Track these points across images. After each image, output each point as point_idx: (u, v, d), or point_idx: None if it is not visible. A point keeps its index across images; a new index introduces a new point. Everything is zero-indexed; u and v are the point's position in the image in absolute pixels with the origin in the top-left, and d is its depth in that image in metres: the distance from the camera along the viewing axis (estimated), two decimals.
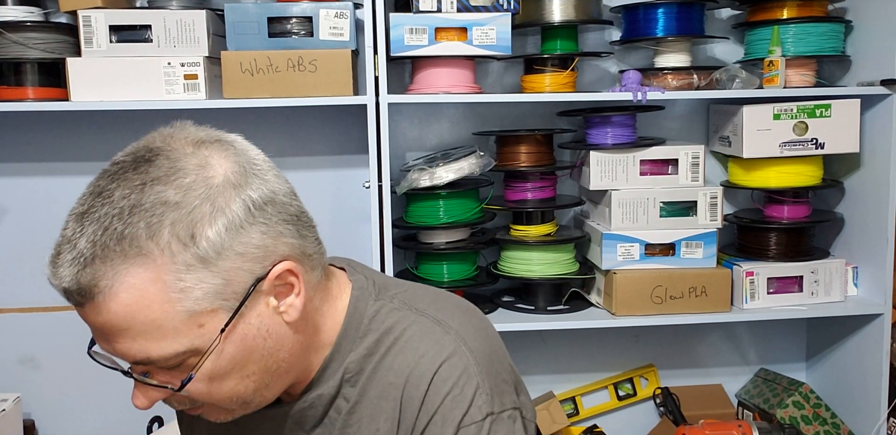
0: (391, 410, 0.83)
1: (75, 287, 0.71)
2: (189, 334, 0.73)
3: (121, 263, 0.70)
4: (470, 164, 1.76)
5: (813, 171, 1.87)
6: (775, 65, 1.77)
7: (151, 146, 0.76)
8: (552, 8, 1.77)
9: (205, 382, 0.76)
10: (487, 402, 0.81)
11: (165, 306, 0.71)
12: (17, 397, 1.79)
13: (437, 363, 0.82)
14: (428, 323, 0.86)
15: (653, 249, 1.82)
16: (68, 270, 0.71)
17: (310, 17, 1.66)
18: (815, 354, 2.11)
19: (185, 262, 0.71)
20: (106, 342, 0.75)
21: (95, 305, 0.71)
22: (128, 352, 0.73)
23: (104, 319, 0.72)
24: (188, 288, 0.71)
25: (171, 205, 0.71)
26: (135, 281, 0.70)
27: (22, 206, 1.90)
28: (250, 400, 0.80)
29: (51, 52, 1.65)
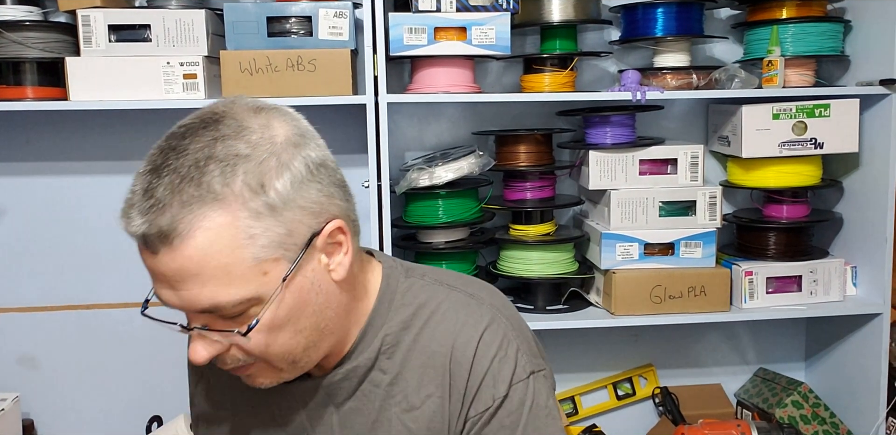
0: (439, 376, 0.89)
1: (155, 231, 0.74)
2: (254, 281, 0.77)
3: (199, 208, 0.74)
4: (469, 163, 1.76)
5: (812, 171, 1.87)
6: (774, 64, 1.77)
7: (216, 110, 0.81)
8: (551, 8, 1.77)
9: (265, 331, 0.79)
10: (529, 362, 0.90)
11: (236, 252, 0.75)
12: (15, 397, 1.80)
13: (479, 330, 0.89)
14: (461, 296, 0.93)
15: (652, 249, 1.83)
16: (148, 216, 0.74)
17: (309, 16, 1.66)
18: (813, 354, 2.12)
19: (256, 209, 0.75)
20: (173, 291, 0.78)
21: (172, 249, 0.74)
22: (196, 299, 0.77)
23: (178, 265, 0.75)
24: (257, 235, 0.76)
25: (242, 157, 0.76)
26: (211, 225, 0.74)
27: (21, 206, 1.90)
28: (298, 358, 0.84)
29: (50, 51, 1.65)
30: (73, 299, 1.94)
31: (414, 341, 0.90)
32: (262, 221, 0.76)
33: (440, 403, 0.89)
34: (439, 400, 0.89)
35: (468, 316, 0.91)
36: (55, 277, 1.92)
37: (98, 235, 1.92)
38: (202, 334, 0.80)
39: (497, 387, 0.88)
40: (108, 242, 1.92)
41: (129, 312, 1.95)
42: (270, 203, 0.76)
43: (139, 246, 0.77)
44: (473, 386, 0.88)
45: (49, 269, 1.92)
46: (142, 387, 1.95)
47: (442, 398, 0.89)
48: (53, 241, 1.91)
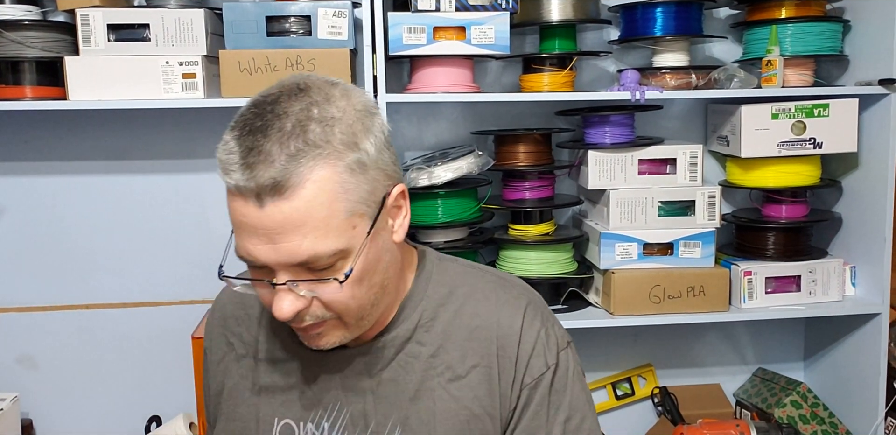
0: (484, 348, 0.98)
1: (269, 183, 0.80)
2: (346, 234, 0.84)
3: (307, 162, 0.81)
4: (468, 163, 1.76)
5: (811, 171, 1.87)
6: (773, 64, 1.77)
7: (298, 82, 0.87)
8: (550, 7, 1.77)
9: (351, 283, 0.86)
10: (564, 335, 1.03)
11: (334, 204, 0.83)
12: (14, 397, 1.79)
13: (521, 307, 1.00)
14: (494, 278, 1.04)
15: (651, 249, 1.83)
16: (260, 169, 0.80)
17: (308, 16, 1.66)
18: (812, 354, 2.12)
19: (350, 165, 0.83)
20: (272, 245, 0.83)
21: (283, 200, 0.81)
22: (296, 250, 0.82)
23: (285, 216, 0.81)
24: (350, 189, 0.84)
25: (336, 119, 0.84)
26: (316, 178, 0.81)
27: (20, 206, 1.90)
28: (366, 314, 0.91)
29: (49, 50, 1.65)
30: (72, 299, 1.94)
31: (454, 317, 0.99)
32: (354, 177, 0.84)
33: (487, 372, 0.97)
34: (486, 369, 0.97)
35: (507, 295, 1.01)
36: (54, 277, 1.92)
37: (97, 234, 1.92)
38: (290, 289, 0.85)
39: (547, 355, 0.98)
40: (106, 241, 1.92)
41: (128, 312, 1.95)
42: (361, 160, 0.84)
43: (238, 202, 0.83)
44: (525, 355, 0.97)
45: (48, 269, 1.92)
46: (140, 387, 1.95)
47: (489, 368, 0.97)
48: (52, 240, 1.91)
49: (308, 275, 0.85)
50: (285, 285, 0.85)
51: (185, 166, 1.92)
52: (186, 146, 1.91)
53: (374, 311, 0.92)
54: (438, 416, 0.96)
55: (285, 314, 0.85)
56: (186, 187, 1.93)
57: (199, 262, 1.94)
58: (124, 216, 1.92)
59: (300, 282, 0.85)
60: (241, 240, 0.85)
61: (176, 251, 1.94)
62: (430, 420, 0.96)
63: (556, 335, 1.01)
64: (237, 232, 0.85)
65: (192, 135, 1.91)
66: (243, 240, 0.84)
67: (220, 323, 1.07)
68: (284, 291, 0.85)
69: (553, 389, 0.99)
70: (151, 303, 1.96)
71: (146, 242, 1.93)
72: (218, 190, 1.93)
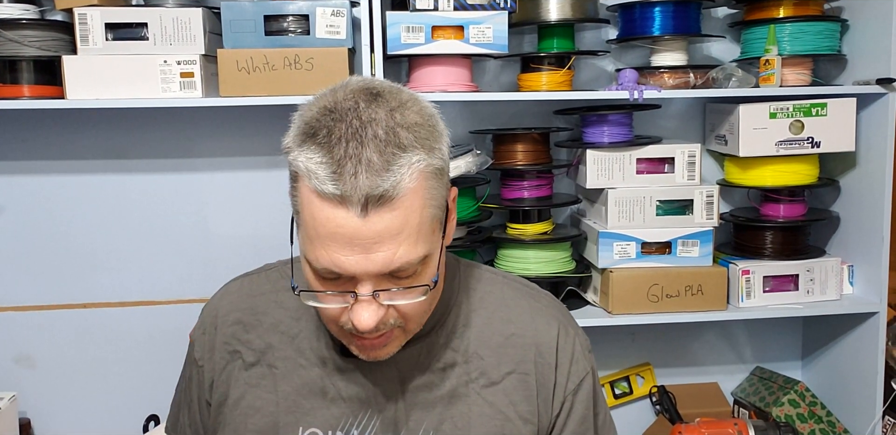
0: (520, 355, 0.98)
1: (378, 193, 0.79)
2: (430, 239, 0.85)
3: (406, 170, 0.81)
4: (466, 162, 1.76)
5: (809, 170, 1.87)
6: (771, 64, 1.77)
7: (368, 87, 0.86)
8: (549, 6, 1.77)
9: (417, 302, 0.86)
10: (587, 337, 1.05)
11: (425, 211, 0.83)
12: (12, 396, 1.79)
13: (555, 316, 1.02)
14: (520, 286, 1.05)
15: (649, 248, 1.83)
16: (368, 180, 0.79)
17: (306, 15, 1.66)
18: (810, 353, 2.12)
19: (434, 171, 0.84)
20: (365, 254, 0.81)
21: (387, 209, 0.80)
22: (390, 259, 0.81)
23: (385, 225, 0.80)
24: (434, 195, 0.84)
25: (418, 124, 0.84)
26: (413, 185, 0.81)
27: (18, 205, 1.90)
28: (424, 321, 0.92)
29: (46, 49, 1.65)
30: (70, 298, 1.93)
31: (487, 324, 0.99)
32: (437, 181, 0.85)
33: (523, 378, 0.98)
34: (522, 376, 0.98)
35: (539, 303, 1.03)
36: (52, 276, 1.92)
37: (95, 233, 1.91)
38: (374, 299, 0.84)
39: (585, 362, 1.01)
40: (104, 240, 1.92)
41: (126, 311, 1.95)
42: (440, 166, 0.85)
43: (335, 212, 0.80)
44: (566, 362, 0.99)
45: (46, 268, 1.92)
46: (139, 386, 1.95)
47: (526, 374, 0.98)
48: (50, 239, 1.91)
49: (390, 284, 0.84)
50: (371, 296, 0.83)
51: (183, 165, 1.92)
52: (184, 145, 1.91)
53: (425, 319, 0.93)
54: (473, 421, 0.96)
55: (369, 325, 0.84)
56: (184, 186, 1.93)
57: (198, 261, 1.94)
58: (122, 215, 1.92)
59: (385, 292, 0.84)
60: (327, 251, 0.82)
61: (174, 250, 1.94)
62: (465, 426, 0.96)
63: (585, 340, 1.04)
64: (322, 243, 0.82)
65: (190, 134, 1.91)
66: (332, 251, 0.81)
67: (223, 332, 1.02)
68: (368, 301, 0.84)
69: (595, 393, 1.03)
70: (149, 302, 1.95)
71: (144, 241, 1.93)
72: (216, 189, 1.94)
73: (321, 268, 0.83)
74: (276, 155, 1.94)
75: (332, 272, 0.83)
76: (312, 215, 0.82)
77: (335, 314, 0.87)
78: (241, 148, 1.93)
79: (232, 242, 1.94)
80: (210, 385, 1.03)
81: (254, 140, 1.93)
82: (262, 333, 1.01)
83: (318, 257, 0.83)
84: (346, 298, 0.85)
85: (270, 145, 1.93)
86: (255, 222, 1.95)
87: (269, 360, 0.99)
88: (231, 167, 1.93)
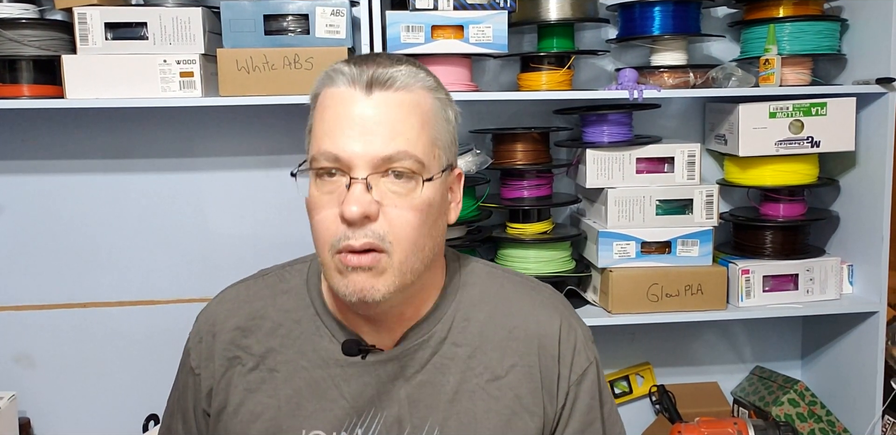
0: (523, 347, 1.00)
1: (382, 76, 0.90)
2: (428, 155, 0.91)
3: (413, 75, 0.92)
4: (466, 162, 1.76)
5: (808, 170, 1.87)
6: (771, 63, 1.77)
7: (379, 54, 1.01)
8: (549, 6, 1.77)
9: (417, 208, 0.90)
10: (588, 329, 1.07)
11: (427, 122, 0.92)
12: (12, 395, 1.79)
13: (557, 307, 1.04)
14: (520, 280, 1.07)
15: (649, 247, 1.83)
16: (374, 69, 0.90)
17: (306, 14, 1.66)
18: (810, 352, 2.12)
19: (441, 104, 0.95)
20: (368, 136, 0.88)
21: (390, 92, 0.90)
22: (388, 143, 0.88)
23: (387, 107, 0.90)
24: (438, 121, 0.94)
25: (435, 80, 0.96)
26: (421, 92, 0.92)
27: (17, 204, 1.90)
28: (412, 263, 0.91)
29: (46, 49, 1.65)
30: (70, 298, 1.93)
31: (488, 318, 1.00)
32: (442, 114, 0.94)
33: (527, 371, 0.99)
34: (526, 368, 0.99)
35: (540, 295, 1.05)
36: (52, 276, 1.92)
37: (94, 233, 1.91)
38: (366, 190, 0.87)
39: (588, 353, 1.03)
40: (104, 240, 1.92)
41: (126, 311, 1.95)
42: (451, 118, 0.96)
43: (342, 94, 0.90)
44: (568, 353, 1.01)
45: (45, 267, 1.92)
46: (138, 385, 1.95)
47: (530, 367, 0.99)
48: (50, 239, 1.91)
49: (384, 178, 0.89)
50: (365, 180, 0.87)
51: (182, 165, 1.92)
52: (184, 145, 1.91)
53: (415, 264, 0.91)
54: (479, 416, 0.96)
55: (355, 212, 0.86)
56: (184, 186, 1.93)
57: (197, 260, 1.94)
58: (122, 215, 1.92)
59: (377, 176, 0.88)
60: (331, 136, 0.88)
61: (174, 249, 1.94)
62: (471, 422, 0.96)
63: (587, 331, 1.06)
64: (328, 129, 0.89)
65: (189, 133, 1.91)
66: (335, 136, 0.88)
67: (222, 338, 1.02)
68: (361, 189, 0.87)
69: (600, 383, 1.04)
70: (149, 301, 1.95)
71: (144, 241, 1.93)
72: (216, 188, 1.94)
73: (323, 152, 0.89)
74: (275, 154, 1.94)
75: (333, 157, 0.88)
76: (323, 106, 0.91)
77: (330, 228, 0.89)
78: (241, 147, 1.93)
79: (231, 241, 1.94)
80: (208, 393, 1.02)
81: (253, 140, 1.93)
82: (261, 337, 1.01)
83: (321, 145, 0.89)
84: (340, 191, 0.88)
85: (270, 145, 1.93)
86: (255, 222, 1.95)
87: (270, 364, 0.99)
88: (231, 167, 1.93)
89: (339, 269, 0.90)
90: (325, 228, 0.89)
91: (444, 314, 0.99)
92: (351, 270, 0.88)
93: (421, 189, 0.90)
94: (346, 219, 0.86)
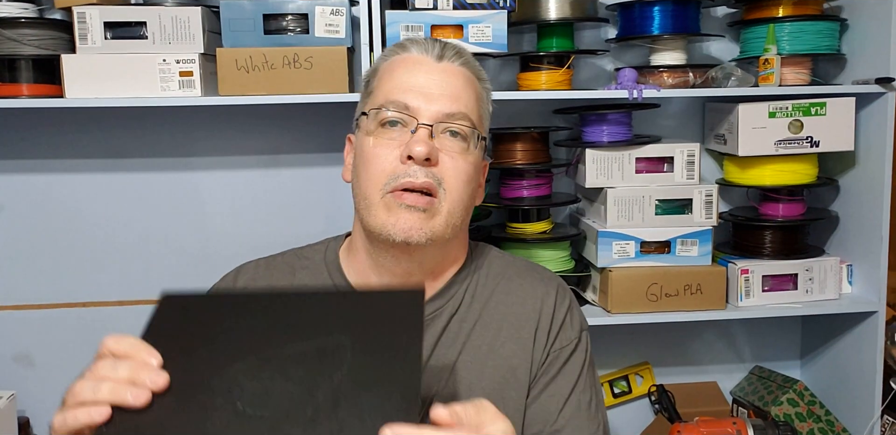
0: (521, 322, 1.07)
1: (452, 49, 1.06)
2: (478, 123, 1.05)
3: (478, 71, 1.09)
4: None
5: (808, 170, 1.87)
6: (770, 63, 1.77)
7: None
8: (548, 6, 1.77)
9: (469, 164, 1.02)
10: (584, 319, 1.14)
11: (480, 98, 1.07)
12: (11, 395, 1.79)
13: (554, 286, 1.12)
14: (525, 263, 1.17)
15: (648, 247, 1.83)
16: (442, 43, 1.06)
17: (305, 14, 1.66)
18: (809, 352, 2.12)
19: (488, 105, 1.11)
20: (438, 92, 1.02)
21: (456, 63, 1.05)
22: (454, 101, 1.02)
23: (452, 75, 1.04)
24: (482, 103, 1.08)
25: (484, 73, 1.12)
26: (475, 69, 1.09)
27: (16, 203, 1.90)
28: (452, 219, 1.01)
29: (45, 48, 1.65)
30: (69, 297, 1.93)
31: (490, 296, 1.09)
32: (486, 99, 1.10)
33: (521, 344, 1.06)
34: (520, 341, 1.06)
35: (541, 275, 1.13)
36: (51, 275, 1.92)
37: (94, 232, 1.91)
38: (429, 136, 0.99)
39: (573, 330, 1.10)
40: (103, 239, 1.92)
41: (126, 310, 1.95)
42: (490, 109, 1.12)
43: (414, 61, 1.03)
44: (556, 327, 1.08)
45: (45, 266, 1.92)
46: None
47: (524, 340, 1.06)
48: (49, 238, 1.91)
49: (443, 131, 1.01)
50: (430, 127, 0.99)
51: (181, 164, 1.92)
52: (183, 144, 1.91)
53: (458, 221, 1.02)
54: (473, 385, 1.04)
55: (422, 151, 0.96)
56: (183, 185, 1.92)
57: (197, 259, 1.94)
58: (121, 214, 1.92)
59: (441, 125, 1.00)
60: (402, 90, 1.01)
61: (173, 249, 1.94)
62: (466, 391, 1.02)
63: (579, 316, 1.13)
64: (399, 84, 1.01)
65: (189, 133, 1.91)
66: (405, 89, 1.01)
67: None
68: (427, 133, 0.99)
69: (574, 361, 1.08)
70: (149, 301, 1.95)
71: (143, 240, 1.93)
72: (215, 188, 1.94)
73: (393, 100, 1.00)
74: (274, 154, 1.94)
75: (403, 105, 1.00)
76: (392, 67, 1.04)
77: (387, 169, 0.98)
78: (241, 147, 1.93)
79: (230, 240, 1.94)
80: None
81: (253, 139, 1.93)
82: None
83: (389, 95, 1.01)
84: (403, 138, 0.99)
85: (270, 144, 1.93)
86: (254, 221, 1.95)
87: None
88: (230, 166, 1.93)
89: (388, 206, 0.98)
90: (382, 170, 0.98)
91: (457, 292, 1.07)
92: (405, 208, 0.97)
93: (473, 148, 1.02)
94: (413, 156, 0.96)
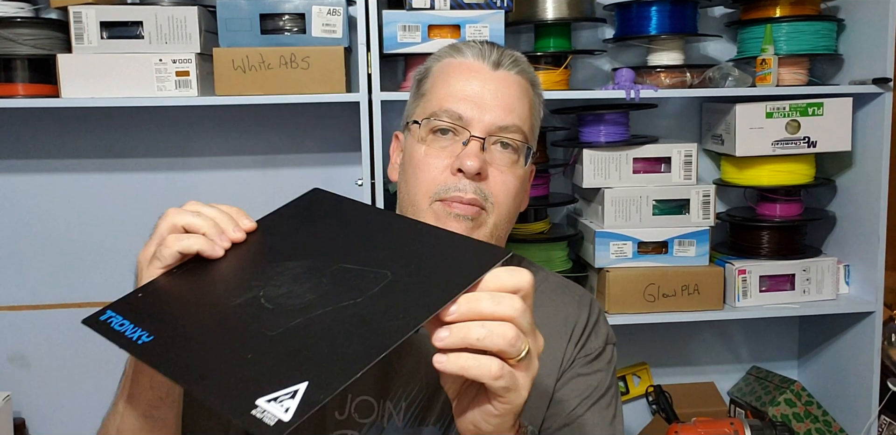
0: (562, 335, 1.07)
1: (509, 57, 1.04)
2: (530, 135, 1.05)
3: (533, 78, 1.08)
4: None
5: (805, 170, 1.87)
6: (768, 63, 1.77)
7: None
8: (545, 5, 1.77)
9: (518, 178, 1.02)
10: (613, 334, 1.14)
11: (533, 109, 1.06)
12: (6, 396, 1.78)
13: (587, 302, 1.12)
14: (558, 278, 1.17)
15: (645, 247, 1.83)
16: (500, 50, 1.05)
17: (302, 13, 1.66)
18: (806, 352, 2.12)
19: (539, 112, 1.09)
20: (493, 103, 1.01)
21: (511, 72, 1.04)
22: (507, 113, 1.01)
23: (507, 85, 1.02)
24: (535, 112, 1.07)
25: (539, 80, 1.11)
26: (529, 89, 1.07)
27: (12, 203, 1.89)
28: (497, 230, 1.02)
29: (41, 48, 1.64)
30: (65, 298, 1.93)
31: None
32: (538, 113, 1.09)
33: (553, 353, 1.05)
34: (556, 353, 1.05)
35: (578, 291, 1.14)
36: (46, 276, 1.91)
37: (89, 232, 1.91)
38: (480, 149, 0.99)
39: (598, 340, 1.09)
40: (99, 239, 1.91)
41: None
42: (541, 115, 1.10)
43: (469, 68, 1.02)
44: (586, 335, 1.08)
45: (40, 267, 1.91)
46: None
47: (555, 350, 1.05)
48: (45, 238, 1.90)
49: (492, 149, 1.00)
50: (483, 140, 0.99)
51: (178, 164, 1.91)
52: (180, 144, 1.91)
53: (502, 234, 1.03)
54: None
55: (473, 166, 0.96)
56: (180, 185, 1.92)
57: None
58: (117, 214, 1.91)
59: (493, 139, 0.99)
60: (456, 98, 1.00)
61: None
62: None
63: (608, 330, 1.13)
64: (454, 92, 1.01)
65: (185, 133, 1.90)
66: (459, 98, 1.00)
67: None
68: (479, 146, 0.98)
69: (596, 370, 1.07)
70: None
71: (139, 240, 1.91)
72: (211, 188, 1.94)
73: (446, 109, 1.00)
74: (272, 154, 1.94)
75: (457, 115, 0.99)
76: (447, 71, 1.03)
77: (437, 178, 0.98)
78: (237, 147, 1.92)
79: None
80: None
81: (250, 139, 1.92)
82: None
83: (443, 103, 1.00)
84: (454, 148, 0.99)
85: (266, 144, 1.93)
86: None
87: None
88: (227, 166, 1.93)
89: (437, 214, 0.99)
90: (432, 178, 0.99)
91: None
92: (454, 216, 0.98)
93: (523, 162, 1.02)
94: (464, 170, 0.96)
